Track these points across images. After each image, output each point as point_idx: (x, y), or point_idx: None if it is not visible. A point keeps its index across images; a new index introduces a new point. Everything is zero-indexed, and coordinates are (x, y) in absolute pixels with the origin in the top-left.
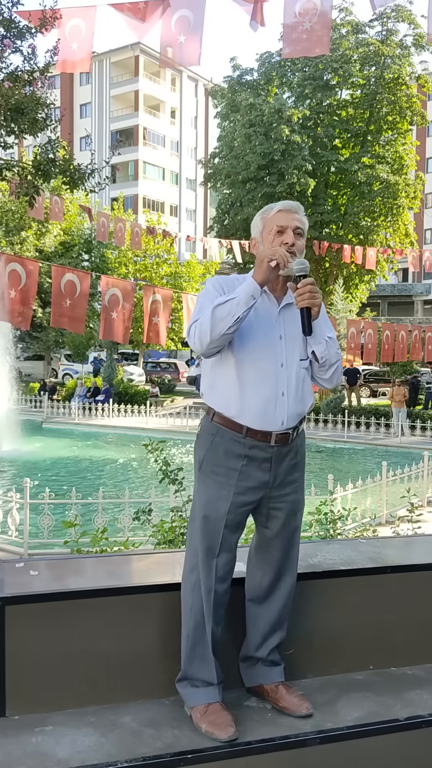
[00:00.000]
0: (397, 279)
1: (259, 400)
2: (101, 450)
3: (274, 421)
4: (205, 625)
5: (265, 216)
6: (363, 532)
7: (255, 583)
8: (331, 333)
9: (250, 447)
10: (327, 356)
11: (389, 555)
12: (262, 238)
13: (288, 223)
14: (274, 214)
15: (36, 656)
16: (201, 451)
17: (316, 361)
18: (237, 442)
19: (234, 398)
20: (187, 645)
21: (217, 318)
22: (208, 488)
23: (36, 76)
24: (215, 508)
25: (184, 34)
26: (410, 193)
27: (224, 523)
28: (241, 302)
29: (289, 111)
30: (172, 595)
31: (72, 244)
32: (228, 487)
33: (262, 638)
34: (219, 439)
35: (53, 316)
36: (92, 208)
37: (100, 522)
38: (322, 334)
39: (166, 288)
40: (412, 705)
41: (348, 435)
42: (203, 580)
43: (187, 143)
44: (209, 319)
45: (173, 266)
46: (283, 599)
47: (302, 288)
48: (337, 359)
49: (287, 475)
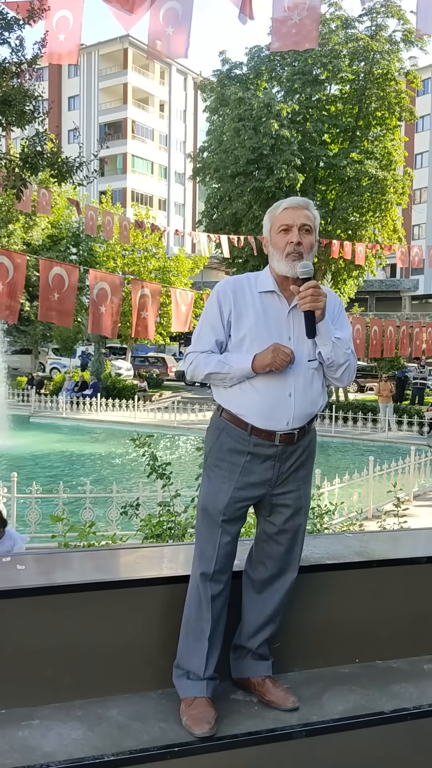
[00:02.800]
0: (385, 275)
1: (265, 400)
2: (89, 444)
3: (279, 421)
4: (199, 617)
5: (273, 214)
6: (350, 526)
7: (256, 575)
8: (342, 333)
9: (255, 444)
10: (333, 357)
11: (375, 549)
12: (271, 237)
13: (294, 220)
14: (280, 212)
15: (22, 650)
16: (208, 445)
17: (323, 362)
18: (242, 439)
19: (241, 397)
20: (183, 633)
21: (211, 378)
22: (211, 480)
23: (24, 68)
24: (214, 500)
25: (172, 26)
26: (398, 188)
27: (222, 515)
28: (234, 377)
29: (279, 105)
30: (159, 590)
31: (60, 238)
32: (229, 481)
33: (255, 629)
34: (225, 435)
35: (41, 309)
36: (80, 201)
37: (88, 516)
38: (330, 335)
39: (154, 282)
40: (397, 698)
41: (335, 430)
42: (201, 569)
43: (175, 137)
44: (203, 373)
45: (162, 260)
46: (281, 594)
47: (304, 291)
48: (346, 359)
49: (292, 473)
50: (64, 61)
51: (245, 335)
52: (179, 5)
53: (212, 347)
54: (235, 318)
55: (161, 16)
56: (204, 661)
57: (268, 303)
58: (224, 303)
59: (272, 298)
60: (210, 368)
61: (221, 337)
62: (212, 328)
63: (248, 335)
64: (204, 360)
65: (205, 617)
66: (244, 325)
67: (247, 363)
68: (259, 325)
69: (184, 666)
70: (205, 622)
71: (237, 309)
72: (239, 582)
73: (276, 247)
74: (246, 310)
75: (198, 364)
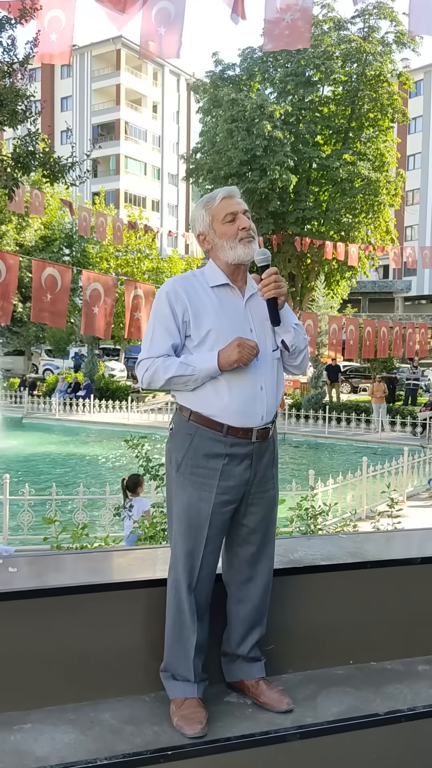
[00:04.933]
0: (377, 276)
1: (239, 397)
2: (82, 446)
3: (255, 417)
4: (183, 624)
5: (210, 207)
6: (343, 527)
7: (232, 580)
8: (296, 319)
9: (231, 445)
10: (296, 343)
11: (369, 550)
12: (214, 229)
13: (236, 208)
14: (219, 203)
15: (15, 653)
16: (178, 453)
17: (286, 350)
18: (217, 442)
19: (212, 397)
20: (168, 640)
21: (173, 382)
22: (188, 491)
23: (16, 68)
24: (197, 510)
25: (164, 26)
26: (391, 190)
27: (208, 524)
28: (198, 379)
29: (271, 107)
30: (153, 592)
31: (53, 239)
32: (209, 488)
33: (242, 636)
34: (198, 440)
35: (34, 310)
36: (73, 202)
37: (81, 518)
38: (289, 321)
39: (147, 283)
40: (391, 699)
41: (329, 431)
42: (186, 582)
43: (169, 138)
44: (164, 379)
45: (155, 261)
46: (260, 596)
47: (267, 279)
48: (305, 345)
49: (266, 471)
50: (55, 62)
51: (209, 331)
52: (171, 5)
53: (168, 351)
54: (193, 316)
55: (153, 16)
56: (191, 666)
57: (223, 296)
58: (177, 303)
59: (226, 291)
60: (171, 372)
61: (177, 340)
62: (166, 331)
63: (212, 331)
64: (163, 365)
65: (189, 627)
66: (206, 322)
67: (213, 362)
68: (221, 320)
69: (173, 670)
70: (190, 632)
71: (193, 307)
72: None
73: (225, 236)
74: (203, 306)
75: (156, 370)
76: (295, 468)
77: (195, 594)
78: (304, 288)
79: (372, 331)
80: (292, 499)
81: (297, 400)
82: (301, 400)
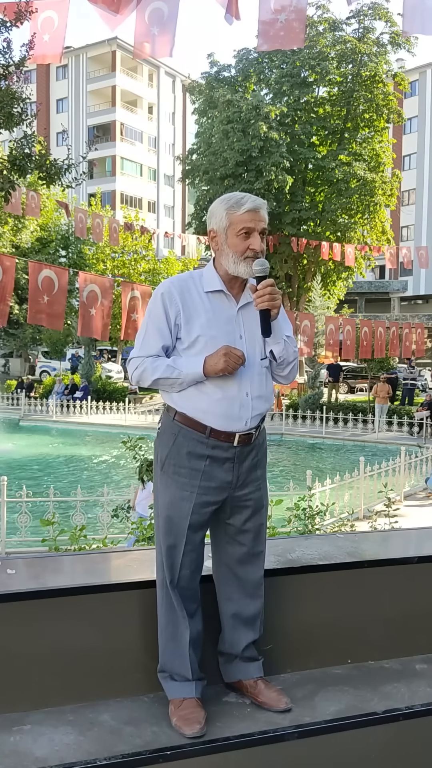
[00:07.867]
0: (374, 276)
1: (223, 401)
2: (79, 447)
3: (239, 421)
4: (175, 622)
5: (232, 213)
6: (341, 527)
7: (223, 581)
8: (289, 331)
9: (213, 447)
10: (285, 356)
11: (367, 550)
12: (226, 235)
13: (256, 225)
14: (242, 213)
15: (14, 655)
16: (163, 451)
17: (273, 360)
18: (200, 443)
19: (198, 399)
20: (162, 640)
21: (159, 383)
22: (170, 489)
23: (11, 70)
24: (178, 508)
25: (158, 26)
26: (387, 190)
27: (188, 523)
28: (184, 383)
29: (267, 108)
30: (151, 593)
31: (49, 240)
32: (191, 488)
33: (237, 637)
34: (181, 439)
35: (30, 312)
36: (69, 203)
37: (79, 520)
38: (281, 333)
39: (144, 284)
40: (389, 698)
41: (326, 431)
42: (168, 578)
43: (164, 139)
44: (150, 379)
45: (151, 263)
46: (250, 596)
47: (262, 290)
48: (294, 357)
49: (249, 474)
50: (48, 61)
51: (199, 336)
52: (165, 5)
53: (158, 351)
54: (185, 320)
55: (147, 16)
56: (187, 663)
57: (216, 302)
58: (170, 305)
59: (220, 297)
60: (158, 374)
61: (168, 342)
62: (158, 332)
63: (202, 336)
64: (151, 365)
65: (182, 623)
66: (196, 327)
67: (198, 368)
68: (212, 326)
69: (170, 670)
70: (183, 628)
71: (186, 311)
72: (211, 585)
73: (233, 248)
74: (196, 311)
75: (145, 369)
76: (293, 468)
77: (179, 590)
78: (300, 288)
79: (369, 332)
80: (289, 499)
81: (294, 401)
82: (298, 401)
